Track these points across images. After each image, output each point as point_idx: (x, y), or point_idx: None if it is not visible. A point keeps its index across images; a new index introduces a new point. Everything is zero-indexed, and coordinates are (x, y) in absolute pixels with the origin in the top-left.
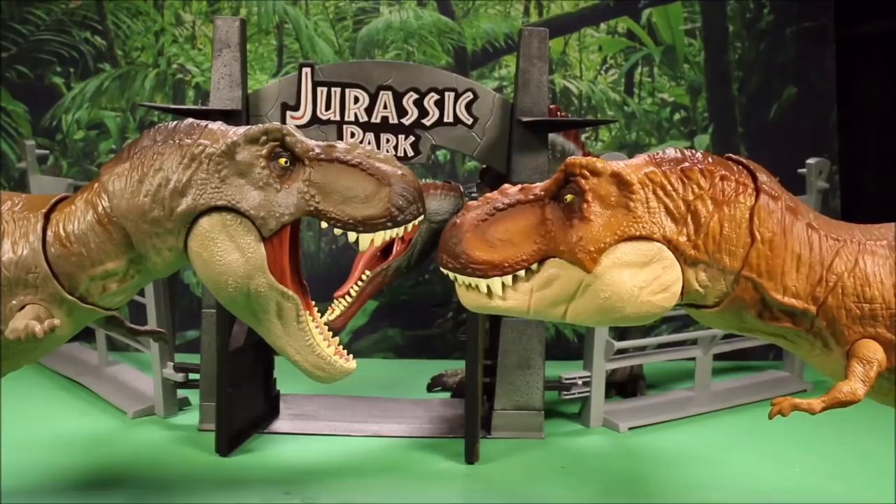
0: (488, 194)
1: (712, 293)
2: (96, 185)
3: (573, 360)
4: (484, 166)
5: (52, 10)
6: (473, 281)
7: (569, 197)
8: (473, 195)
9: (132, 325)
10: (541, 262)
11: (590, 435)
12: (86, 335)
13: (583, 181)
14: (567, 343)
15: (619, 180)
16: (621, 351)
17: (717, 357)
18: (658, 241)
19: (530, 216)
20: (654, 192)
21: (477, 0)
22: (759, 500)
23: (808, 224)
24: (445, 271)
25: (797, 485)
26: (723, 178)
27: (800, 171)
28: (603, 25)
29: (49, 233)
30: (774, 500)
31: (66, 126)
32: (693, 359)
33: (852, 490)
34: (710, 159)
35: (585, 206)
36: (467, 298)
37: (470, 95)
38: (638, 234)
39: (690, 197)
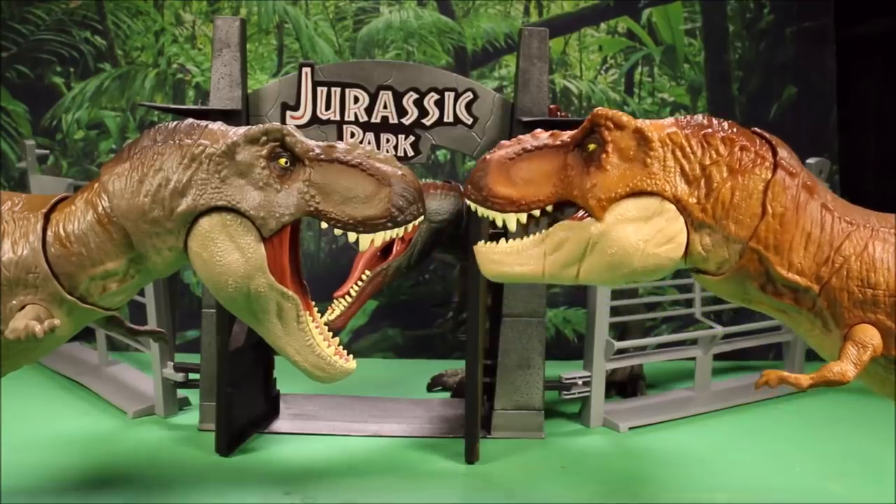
0: (521, 136)
1: (714, 259)
2: (96, 185)
3: (573, 360)
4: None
5: (53, 10)
6: (491, 214)
7: (591, 146)
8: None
9: (132, 325)
10: (556, 207)
11: (590, 435)
12: (86, 335)
13: (606, 132)
14: (567, 343)
15: (641, 136)
16: (621, 351)
17: (717, 357)
18: (667, 198)
19: (554, 160)
20: (673, 153)
21: (477, 0)
22: (759, 500)
23: (823, 204)
24: (469, 202)
25: (797, 485)
26: (742, 148)
27: None
28: (603, 25)
29: (49, 233)
30: (774, 500)
31: (66, 126)
32: (693, 359)
33: (852, 490)
34: (734, 129)
35: (605, 156)
36: (487, 267)
37: (470, 95)
38: (649, 189)
39: (707, 162)
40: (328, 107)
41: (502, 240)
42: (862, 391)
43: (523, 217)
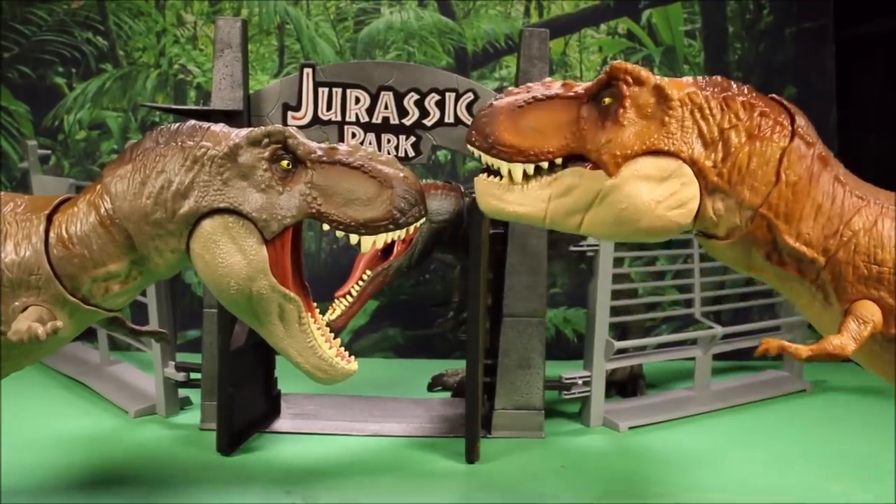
0: (532, 84)
1: (724, 224)
2: (98, 186)
3: (573, 360)
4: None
5: (54, 11)
6: (496, 162)
7: (607, 100)
8: (474, 195)
9: (134, 326)
10: (565, 160)
11: (590, 434)
12: (88, 335)
13: (624, 86)
14: (567, 343)
15: (661, 93)
16: (621, 351)
17: (716, 357)
18: (684, 160)
19: (566, 111)
20: (692, 113)
21: (477, 1)
22: (759, 500)
23: (836, 177)
24: (471, 148)
25: (797, 485)
26: (762, 114)
27: None
28: (603, 26)
29: (51, 234)
30: (774, 500)
31: (67, 126)
32: (693, 359)
33: (852, 490)
34: (754, 94)
35: (622, 111)
36: (485, 202)
37: (471, 96)
38: (666, 149)
39: (726, 125)
40: (329, 107)
41: (506, 177)
42: (862, 391)
43: (531, 168)
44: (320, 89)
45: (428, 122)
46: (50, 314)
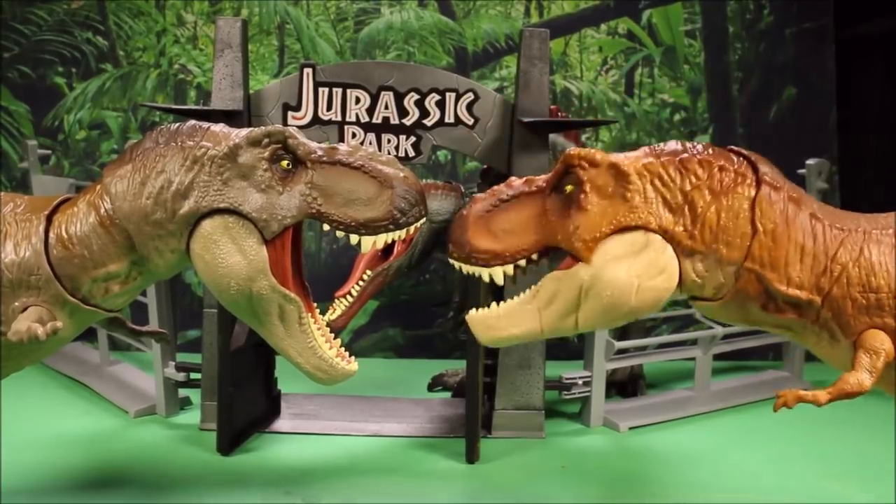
0: (495, 187)
1: (710, 284)
2: (98, 186)
3: (573, 360)
4: (485, 167)
5: (54, 11)
6: (476, 270)
7: (568, 188)
8: (474, 195)
9: (134, 326)
10: (541, 254)
11: (590, 434)
12: (88, 335)
13: (581, 171)
14: (567, 343)
15: (617, 171)
16: (621, 351)
17: (717, 357)
18: (654, 230)
19: (532, 207)
20: (652, 183)
21: (478, 1)
22: (759, 500)
23: (812, 214)
24: (452, 260)
25: (797, 485)
26: (721, 168)
27: (800, 171)
28: (603, 26)
29: (51, 235)
30: (774, 500)
31: (67, 126)
32: (693, 359)
33: (852, 490)
34: (709, 150)
35: (583, 196)
36: (483, 334)
37: (471, 96)
38: (634, 223)
39: (688, 187)
40: (329, 107)
41: (493, 304)
42: None
43: (510, 269)
44: (320, 89)
45: (428, 122)
46: (50, 314)
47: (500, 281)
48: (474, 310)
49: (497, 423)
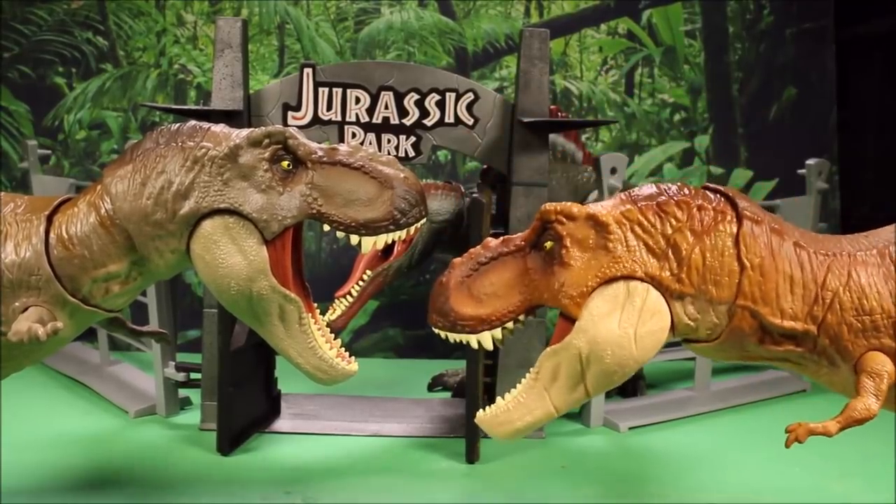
0: (472, 250)
1: (703, 326)
2: (99, 187)
3: None
4: (485, 167)
5: (54, 11)
6: (463, 338)
7: (548, 244)
8: (474, 195)
9: (134, 326)
10: (527, 312)
11: (590, 435)
12: (88, 335)
13: (559, 227)
14: None
15: (596, 222)
16: None
17: None
18: (640, 278)
19: (513, 267)
20: (633, 230)
21: (478, 1)
22: (759, 500)
23: (796, 243)
24: (437, 330)
25: (797, 485)
26: (700, 208)
27: (799, 171)
28: (603, 26)
29: (52, 235)
30: (774, 500)
31: (67, 126)
32: (693, 359)
33: (852, 490)
34: (685, 191)
35: (564, 251)
36: (498, 432)
37: (471, 96)
38: (620, 273)
39: (669, 231)
40: (329, 107)
41: (498, 399)
42: None
43: (497, 332)
44: (320, 89)
45: (428, 122)
46: (50, 315)
47: (488, 346)
48: (481, 412)
49: None
